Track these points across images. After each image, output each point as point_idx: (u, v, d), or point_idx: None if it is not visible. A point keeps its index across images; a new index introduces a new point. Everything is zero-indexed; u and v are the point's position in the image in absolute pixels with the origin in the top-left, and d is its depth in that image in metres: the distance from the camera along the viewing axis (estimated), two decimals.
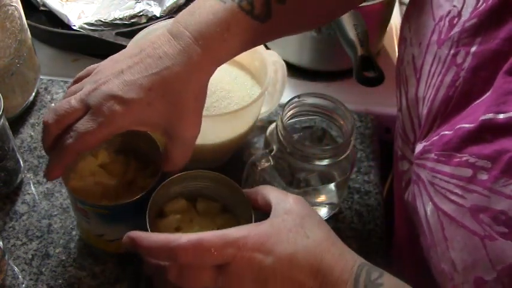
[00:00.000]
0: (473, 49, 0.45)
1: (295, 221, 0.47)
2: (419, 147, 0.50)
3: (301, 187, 0.60)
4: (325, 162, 0.57)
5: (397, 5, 0.90)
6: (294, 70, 0.83)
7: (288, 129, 0.57)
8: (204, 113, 0.63)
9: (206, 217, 0.57)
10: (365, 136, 0.75)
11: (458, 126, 0.44)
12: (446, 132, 0.46)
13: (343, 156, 0.57)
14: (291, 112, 0.60)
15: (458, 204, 0.42)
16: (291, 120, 0.60)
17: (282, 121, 0.57)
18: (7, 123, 0.62)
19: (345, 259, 0.46)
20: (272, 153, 0.58)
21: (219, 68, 0.68)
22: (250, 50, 0.67)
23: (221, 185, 0.57)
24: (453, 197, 0.43)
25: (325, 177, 0.60)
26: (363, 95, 0.78)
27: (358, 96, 0.78)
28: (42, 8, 0.86)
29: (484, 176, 0.40)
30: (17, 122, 0.73)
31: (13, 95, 0.71)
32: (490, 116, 0.40)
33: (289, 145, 0.56)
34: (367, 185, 0.70)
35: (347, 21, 0.72)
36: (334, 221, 0.66)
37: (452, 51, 0.47)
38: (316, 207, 0.64)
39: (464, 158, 0.42)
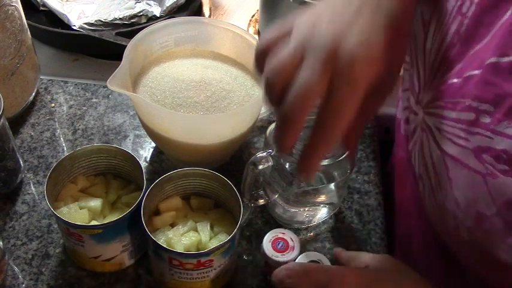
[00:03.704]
0: None
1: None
2: (427, 96, 0.52)
3: (301, 187, 0.60)
4: (325, 162, 0.57)
5: None
6: None
7: None
8: (204, 113, 0.63)
9: (200, 212, 0.60)
10: (365, 136, 0.75)
11: (466, 74, 0.45)
12: (454, 80, 0.47)
13: (343, 156, 0.57)
14: None
15: (462, 146, 0.44)
16: None
17: None
18: (7, 123, 0.62)
19: None
20: (272, 153, 0.58)
21: (219, 68, 0.69)
22: (250, 50, 0.68)
23: (212, 181, 0.59)
24: (458, 141, 0.45)
25: (325, 177, 0.60)
26: None
27: None
28: (42, 8, 0.86)
29: (486, 119, 0.42)
30: (17, 122, 0.73)
31: (13, 95, 0.71)
32: (493, 59, 0.42)
33: None
34: (367, 185, 0.70)
35: None
36: (334, 221, 0.66)
37: (459, 3, 0.48)
38: (316, 207, 0.64)
39: (468, 103, 0.44)
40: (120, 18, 0.83)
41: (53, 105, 0.77)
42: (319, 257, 0.57)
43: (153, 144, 0.72)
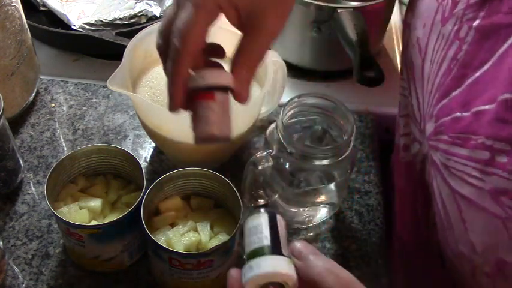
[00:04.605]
0: (475, 23, 0.45)
1: None
2: (429, 127, 0.50)
3: (301, 187, 0.60)
4: (325, 162, 0.57)
5: (397, 5, 0.90)
6: (294, 70, 0.83)
7: (288, 129, 0.57)
8: None
9: (200, 212, 0.60)
10: (365, 136, 0.75)
11: (475, 109, 0.43)
12: (460, 114, 0.45)
13: (343, 156, 0.57)
14: (291, 112, 0.60)
15: (477, 187, 0.42)
16: (291, 120, 0.60)
17: (282, 121, 0.57)
18: (7, 123, 0.62)
19: None
20: (272, 153, 0.58)
21: None
22: None
23: (212, 181, 0.59)
24: (471, 180, 0.42)
25: (325, 177, 0.60)
26: (363, 95, 0.78)
27: (358, 96, 0.78)
28: (42, 8, 0.86)
29: (503, 159, 0.39)
30: (17, 122, 0.73)
31: (13, 95, 0.71)
32: (507, 95, 0.40)
33: (289, 145, 0.56)
34: (367, 185, 0.70)
35: (347, 21, 0.72)
36: (334, 221, 0.66)
37: (456, 27, 0.47)
38: (316, 207, 0.64)
39: (480, 141, 0.41)
40: (120, 18, 0.83)
41: (53, 105, 0.77)
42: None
43: (153, 144, 0.72)
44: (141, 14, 0.83)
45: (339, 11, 0.73)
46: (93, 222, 0.57)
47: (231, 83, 0.45)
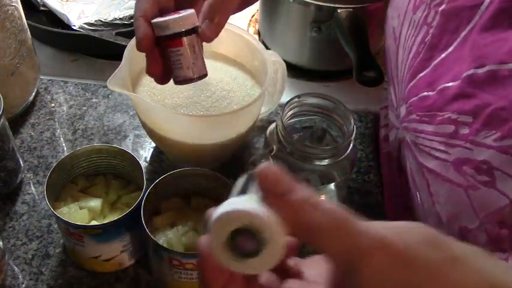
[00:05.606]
0: (441, 8, 0.47)
1: None
2: (403, 110, 0.52)
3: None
4: (325, 162, 0.57)
5: None
6: (294, 70, 0.83)
7: (288, 129, 0.57)
8: (204, 113, 0.63)
9: (200, 212, 0.59)
10: (365, 136, 0.75)
11: (440, 87, 0.45)
12: (426, 93, 0.47)
13: (343, 156, 0.57)
14: (291, 112, 0.60)
15: (442, 160, 0.44)
16: (291, 120, 0.60)
17: (282, 121, 0.57)
18: (7, 123, 0.62)
19: None
20: (272, 153, 0.58)
21: (219, 68, 0.69)
22: (250, 50, 0.68)
23: (212, 181, 0.59)
24: (437, 154, 0.45)
25: (325, 177, 0.60)
26: (363, 95, 0.78)
27: (358, 96, 0.78)
28: (42, 8, 0.86)
29: (465, 130, 0.42)
30: (17, 122, 0.73)
31: (13, 95, 0.71)
32: (471, 72, 0.42)
33: (289, 145, 0.56)
34: (367, 185, 0.70)
35: (347, 21, 0.72)
36: None
37: (424, 14, 0.49)
38: None
39: (447, 116, 0.44)
40: (120, 18, 0.83)
41: (53, 105, 0.77)
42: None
43: (153, 144, 0.72)
44: None
45: (339, 11, 0.73)
46: (93, 222, 0.57)
47: (195, 22, 0.49)
